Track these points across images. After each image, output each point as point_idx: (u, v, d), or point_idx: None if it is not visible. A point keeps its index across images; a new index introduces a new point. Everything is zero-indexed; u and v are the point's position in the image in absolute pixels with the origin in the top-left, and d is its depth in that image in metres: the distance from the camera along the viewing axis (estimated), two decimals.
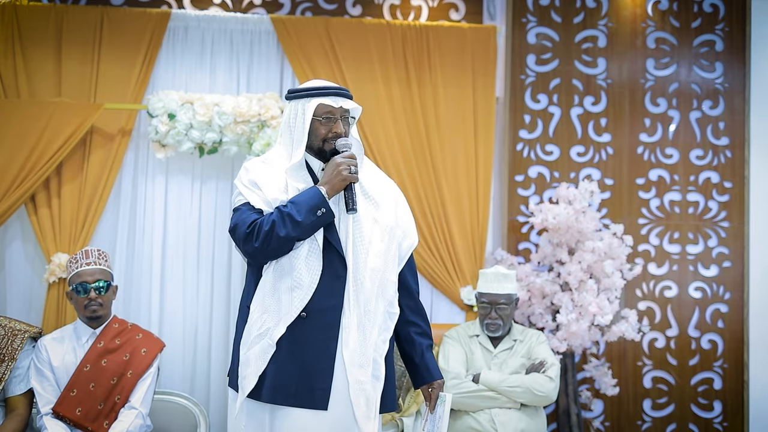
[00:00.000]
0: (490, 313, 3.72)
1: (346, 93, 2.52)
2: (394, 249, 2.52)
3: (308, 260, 2.43)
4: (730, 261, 4.62)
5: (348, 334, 2.40)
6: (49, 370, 3.31)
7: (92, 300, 3.34)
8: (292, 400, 2.38)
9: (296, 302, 2.40)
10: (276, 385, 2.39)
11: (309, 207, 2.38)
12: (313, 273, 2.41)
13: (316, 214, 2.38)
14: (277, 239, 2.37)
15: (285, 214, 2.38)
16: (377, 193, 2.55)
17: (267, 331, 2.42)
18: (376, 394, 2.42)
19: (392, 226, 2.52)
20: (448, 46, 4.39)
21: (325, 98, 2.48)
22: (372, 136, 4.27)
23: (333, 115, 2.48)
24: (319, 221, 2.40)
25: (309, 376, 2.39)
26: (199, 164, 4.28)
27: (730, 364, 4.60)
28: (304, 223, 2.37)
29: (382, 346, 2.46)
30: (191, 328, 4.27)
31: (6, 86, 4.13)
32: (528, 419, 3.58)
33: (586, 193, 4.24)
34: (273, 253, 2.42)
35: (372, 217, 2.50)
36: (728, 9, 4.68)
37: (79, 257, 3.41)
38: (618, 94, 4.63)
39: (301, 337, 2.40)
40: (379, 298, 2.45)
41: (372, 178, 2.59)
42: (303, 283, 2.41)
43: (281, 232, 2.37)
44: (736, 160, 4.64)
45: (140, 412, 3.28)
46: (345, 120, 2.51)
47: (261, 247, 2.40)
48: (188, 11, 4.36)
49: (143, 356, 3.37)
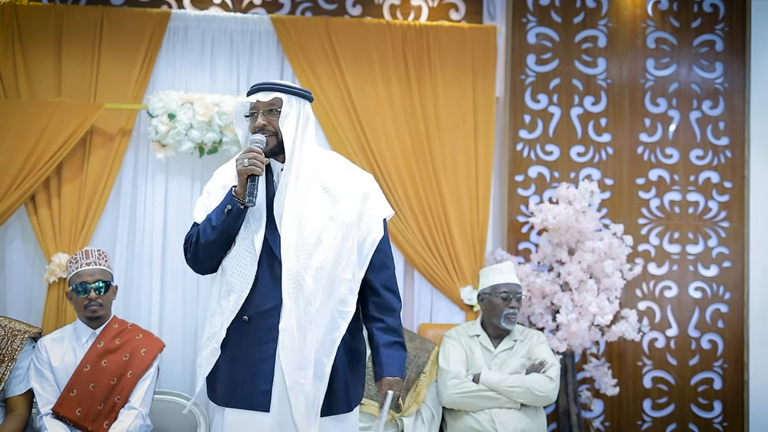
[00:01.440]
0: (511, 302, 3.71)
1: (265, 86, 2.49)
2: (350, 245, 2.46)
3: (240, 264, 2.45)
4: (730, 261, 4.62)
5: (285, 335, 2.39)
6: (49, 371, 3.30)
7: (92, 300, 3.34)
8: (239, 402, 2.43)
9: (231, 306, 2.44)
10: (227, 388, 2.45)
11: (221, 208, 2.43)
12: (245, 276, 2.43)
13: (224, 212, 2.41)
14: (201, 246, 2.47)
15: (206, 221, 2.46)
16: (337, 188, 2.50)
17: (213, 335, 2.48)
18: (317, 395, 2.39)
19: (350, 223, 2.46)
20: (448, 46, 4.39)
21: (248, 96, 2.53)
22: (372, 136, 4.27)
23: (256, 111, 2.50)
24: (229, 219, 2.42)
25: (253, 379, 2.41)
26: (199, 164, 4.28)
27: (730, 364, 4.60)
28: (217, 225, 2.43)
29: (329, 346, 2.42)
30: (191, 328, 4.27)
31: (6, 86, 4.13)
32: (528, 419, 3.58)
33: (586, 193, 4.24)
34: (206, 261, 2.51)
35: (326, 213, 2.45)
36: (728, 9, 4.68)
37: (79, 257, 3.41)
38: (618, 94, 4.63)
39: (244, 340, 2.44)
40: (325, 297, 2.41)
41: (333, 172, 2.53)
42: (235, 287, 2.44)
43: (202, 239, 2.46)
44: (736, 160, 4.65)
45: (140, 412, 3.28)
46: (269, 113, 2.48)
47: (193, 257, 2.52)
48: (188, 11, 4.36)
49: (143, 356, 3.36)
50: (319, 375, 2.40)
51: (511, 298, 3.71)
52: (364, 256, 2.51)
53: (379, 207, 2.58)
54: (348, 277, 2.45)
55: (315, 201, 2.46)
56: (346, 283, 2.45)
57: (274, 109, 2.48)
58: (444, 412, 3.78)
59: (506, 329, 3.72)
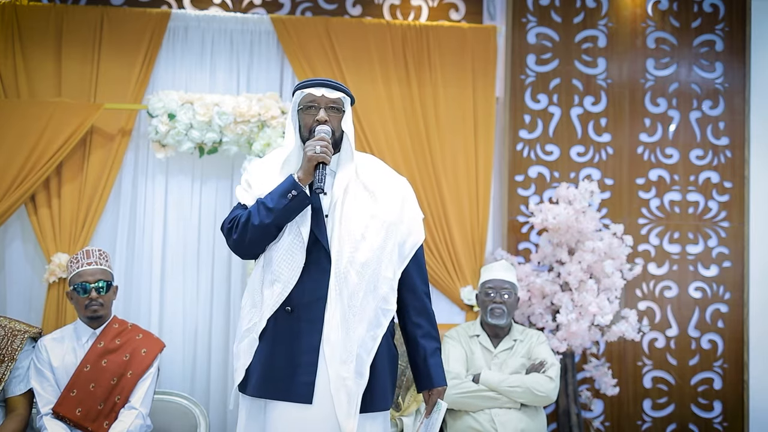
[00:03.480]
0: (494, 298, 3.72)
1: (331, 84, 2.51)
2: (392, 245, 2.49)
3: (289, 253, 2.43)
4: (730, 261, 4.62)
5: (329, 328, 2.39)
6: (49, 371, 3.30)
7: (93, 300, 3.34)
8: (279, 394, 2.40)
9: (275, 296, 2.42)
10: (264, 380, 2.42)
11: (280, 192, 2.41)
12: (293, 267, 2.42)
13: (287, 197, 2.39)
14: (253, 228, 2.41)
15: (260, 203, 2.43)
16: (378, 188, 2.54)
17: (253, 326, 2.46)
18: (357, 391, 2.39)
19: (392, 222, 2.51)
20: (448, 46, 4.39)
21: (310, 89, 2.51)
22: (372, 136, 4.27)
23: (317, 104, 2.49)
24: (292, 205, 2.40)
25: (295, 370, 2.39)
26: (199, 164, 4.28)
27: (730, 364, 4.60)
28: (276, 208, 2.39)
29: (370, 342, 2.43)
30: (191, 328, 4.27)
31: (6, 86, 4.13)
32: (528, 419, 3.58)
33: (586, 193, 4.24)
34: (253, 245, 2.46)
35: (369, 211, 2.48)
36: (728, 9, 4.69)
37: (80, 257, 3.41)
38: (618, 94, 4.63)
39: (286, 331, 2.42)
40: (368, 294, 2.43)
41: (374, 173, 2.58)
42: (282, 277, 2.42)
43: (255, 220, 2.41)
44: (736, 160, 4.65)
45: (140, 412, 3.28)
46: (331, 110, 2.50)
47: (239, 239, 2.45)
48: (188, 11, 4.36)
49: (143, 356, 3.36)
50: (360, 371, 2.40)
51: (495, 293, 3.72)
52: (404, 257, 2.55)
53: (417, 210, 2.64)
54: (389, 276, 2.48)
55: (356, 198, 2.49)
56: (388, 282, 2.47)
57: (338, 108, 2.51)
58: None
59: (494, 324, 3.71)
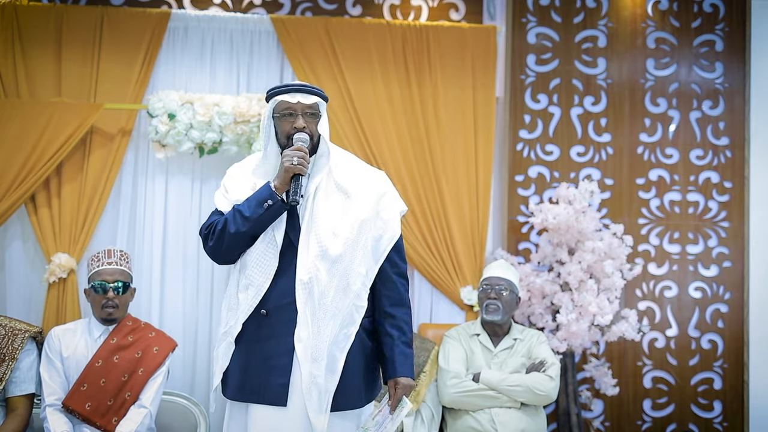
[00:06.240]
0: (489, 293, 3.72)
1: (306, 89, 2.50)
2: (365, 240, 2.48)
3: (262, 258, 2.46)
4: (730, 261, 4.62)
5: (300, 327, 2.41)
6: (59, 360, 3.31)
7: (109, 300, 3.34)
8: (255, 397, 2.42)
9: (249, 300, 2.45)
10: (241, 383, 2.45)
11: (257, 201, 2.43)
12: (266, 271, 2.44)
13: (263, 206, 2.41)
14: (229, 236, 2.45)
15: (236, 211, 2.45)
16: (351, 185, 2.53)
17: (230, 329, 2.49)
18: (329, 388, 2.40)
19: (365, 218, 2.49)
20: (448, 46, 4.39)
21: (284, 95, 2.50)
22: (372, 136, 4.27)
23: (293, 111, 2.49)
24: (268, 214, 2.42)
25: (270, 372, 2.42)
26: (199, 164, 4.28)
27: (730, 364, 4.60)
28: (251, 217, 2.42)
29: (344, 340, 2.43)
30: (191, 328, 4.28)
31: (6, 86, 4.13)
32: (528, 419, 3.58)
33: (586, 193, 4.24)
34: (229, 252, 2.50)
35: (340, 208, 2.48)
36: (728, 9, 4.69)
37: (102, 256, 3.41)
38: (618, 94, 4.63)
39: (262, 334, 2.45)
40: (339, 291, 2.43)
41: (348, 171, 2.57)
42: (255, 281, 2.45)
43: (231, 228, 2.44)
44: (736, 160, 4.65)
45: (149, 411, 3.28)
46: (308, 116, 2.50)
47: (216, 245, 2.49)
48: (188, 11, 4.36)
49: (155, 354, 3.37)
50: (332, 368, 2.41)
51: (491, 290, 3.73)
52: (380, 253, 2.53)
53: (395, 204, 2.61)
54: (362, 272, 2.47)
55: (328, 197, 2.49)
56: (360, 278, 2.47)
57: (314, 113, 2.51)
58: (444, 411, 3.78)
59: (490, 321, 3.71)
